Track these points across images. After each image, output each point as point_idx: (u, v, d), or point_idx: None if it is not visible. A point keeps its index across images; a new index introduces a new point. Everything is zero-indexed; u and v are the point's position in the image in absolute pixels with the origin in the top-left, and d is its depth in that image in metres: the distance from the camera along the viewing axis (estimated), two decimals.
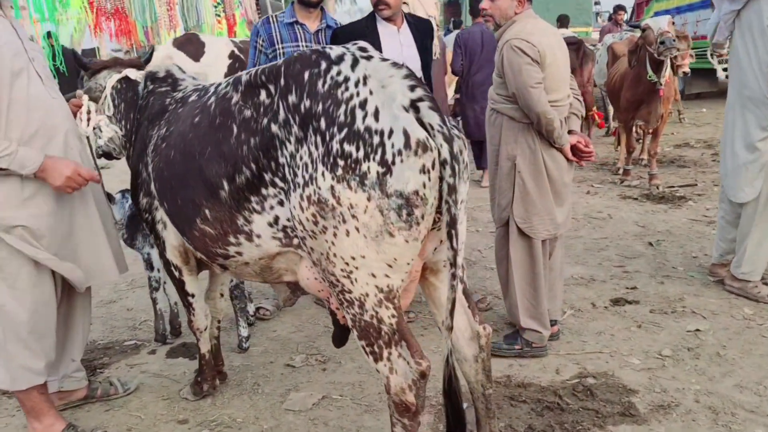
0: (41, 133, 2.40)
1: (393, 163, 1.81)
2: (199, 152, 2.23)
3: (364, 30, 3.52)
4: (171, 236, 2.59)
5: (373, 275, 1.92)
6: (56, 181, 2.38)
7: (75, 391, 2.90)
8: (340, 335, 2.44)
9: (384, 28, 3.55)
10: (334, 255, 1.94)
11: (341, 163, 1.84)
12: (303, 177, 1.93)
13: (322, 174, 1.87)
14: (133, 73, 2.90)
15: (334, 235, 1.91)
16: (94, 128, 2.68)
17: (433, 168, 1.84)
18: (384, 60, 1.94)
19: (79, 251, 2.56)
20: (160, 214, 2.56)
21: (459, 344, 2.24)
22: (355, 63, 1.92)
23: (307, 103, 1.93)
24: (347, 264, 1.93)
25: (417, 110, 1.84)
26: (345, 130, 1.85)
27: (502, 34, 3.02)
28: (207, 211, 2.25)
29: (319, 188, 1.88)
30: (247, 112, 2.10)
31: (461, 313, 2.22)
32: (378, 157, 1.81)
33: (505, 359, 3.20)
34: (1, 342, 2.40)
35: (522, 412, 2.75)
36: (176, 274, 2.70)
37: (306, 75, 1.96)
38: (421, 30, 3.67)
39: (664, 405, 2.74)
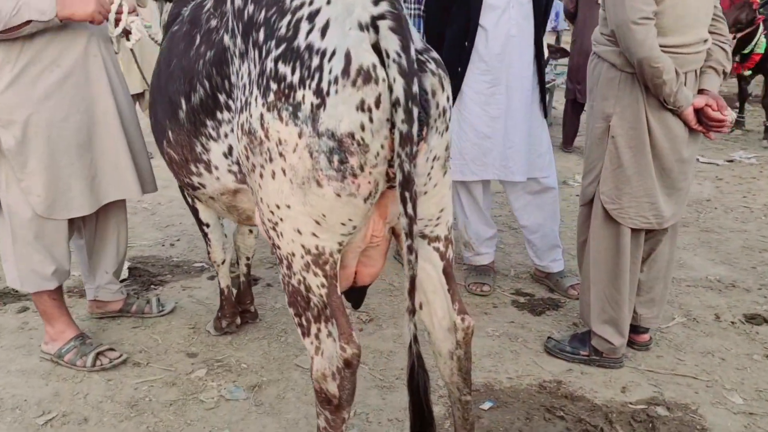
0: (64, 32, 2.30)
1: (327, 93, 1.39)
2: (168, 66, 1.99)
3: None
4: None
5: (299, 231, 1.55)
6: (88, 7, 2.21)
7: (110, 303, 2.92)
8: (354, 295, 2.10)
9: None
10: (261, 200, 1.60)
11: (273, 87, 1.46)
12: (240, 100, 1.60)
13: (255, 99, 1.51)
14: None
15: (261, 175, 1.56)
16: (123, 31, 2.52)
17: (377, 106, 1.39)
18: None
19: (98, 163, 2.48)
20: None
21: (435, 335, 1.79)
22: None
23: (251, 8, 1.57)
24: (272, 213, 1.58)
25: (377, 30, 1.39)
26: (283, 46, 1.47)
27: None
28: (170, 133, 2.02)
29: (251, 116, 1.53)
30: (213, 21, 1.79)
31: (440, 296, 1.76)
32: (314, 84, 1.41)
33: (566, 362, 2.64)
34: (10, 243, 2.42)
35: (554, 429, 2.22)
36: (189, 200, 2.53)
37: None
38: None
39: None
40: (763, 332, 2.88)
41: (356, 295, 2.08)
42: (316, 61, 1.41)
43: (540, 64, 3.05)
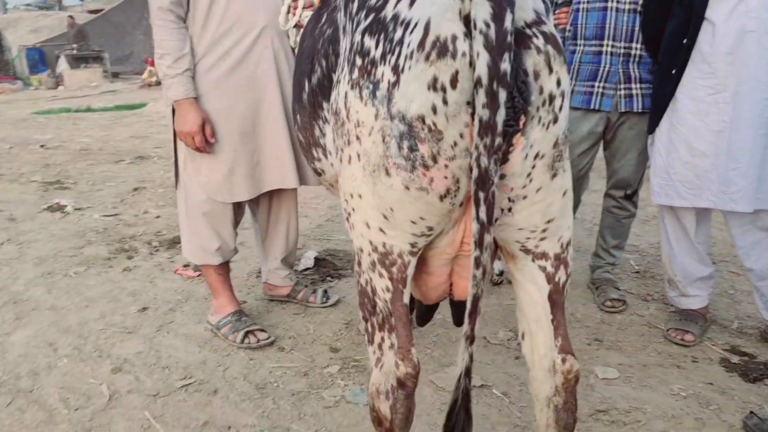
0: (237, 26, 2.43)
1: (402, 69, 1.21)
2: (302, 47, 1.94)
3: None
4: None
5: (368, 225, 1.38)
6: (178, 126, 2.42)
7: (279, 287, 3.02)
8: (421, 312, 1.87)
9: None
10: (341, 187, 1.45)
11: (359, 62, 1.33)
12: (337, 78, 1.48)
13: (345, 76, 1.39)
14: None
15: (340, 160, 1.43)
16: (295, 25, 2.55)
17: (452, 86, 1.16)
18: None
19: (261, 152, 2.57)
20: None
21: (534, 374, 1.47)
22: None
23: None
24: (346, 202, 1.44)
25: None
26: (371, 17, 1.32)
27: None
28: (298, 117, 1.97)
29: (339, 94, 1.42)
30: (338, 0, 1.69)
31: (545, 328, 1.43)
32: (393, 60, 1.24)
33: None
34: (186, 217, 2.62)
35: None
36: None
37: None
38: None
39: None
40: None
41: (424, 311, 1.84)
42: (399, 33, 1.23)
43: None
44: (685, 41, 2.43)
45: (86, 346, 2.68)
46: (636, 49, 2.75)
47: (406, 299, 1.42)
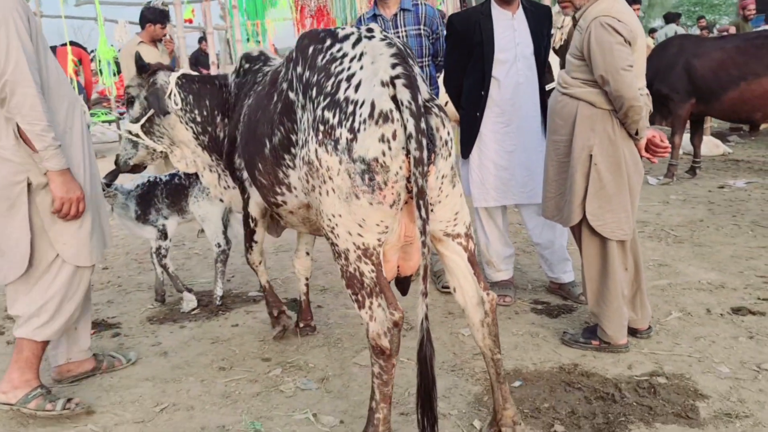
0: (70, 103, 2.70)
1: (358, 130, 2.02)
2: (256, 116, 2.65)
3: (479, 15, 3.64)
4: (255, 193, 3.00)
5: (349, 233, 2.15)
6: (58, 192, 2.54)
7: (84, 362, 3.08)
8: (401, 285, 2.65)
9: (498, 13, 3.63)
10: (321, 211, 2.21)
11: (322, 128, 2.10)
12: (302, 139, 2.23)
13: (311, 138, 2.14)
14: (187, 71, 3.37)
15: (319, 193, 2.18)
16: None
17: (393, 138, 2.00)
18: (383, 39, 2.16)
19: (100, 218, 2.85)
20: (246, 174, 2.98)
21: (467, 310, 2.35)
22: (357, 41, 2.18)
23: (308, 74, 2.23)
24: (330, 220, 2.19)
25: (393, 86, 2.02)
26: (328, 99, 2.11)
27: (585, 12, 2.87)
28: (260, 165, 2.64)
29: (309, 150, 2.16)
30: (284, 84, 2.45)
31: (468, 279, 2.32)
32: (348, 125, 2.04)
33: (580, 350, 3.13)
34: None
35: (572, 397, 2.71)
36: (252, 224, 3.18)
37: (311, 49, 2.26)
38: (538, 16, 3.68)
39: (732, 414, 2.52)
40: (748, 321, 3.37)
41: (403, 285, 2.64)
42: (350, 108, 2.04)
43: (544, 105, 3.65)
44: (482, 92, 3.57)
45: None
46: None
47: (386, 275, 2.21)
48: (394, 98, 2.00)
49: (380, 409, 2.25)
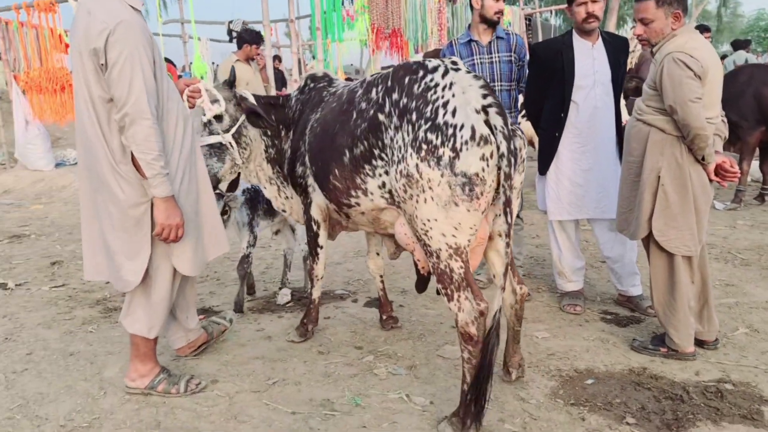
0: (182, 117, 2.90)
1: (461, 150, 2.41)
2: (333, 129, 3.04)
3: (561, 45, 3.96)
4: (317, 197, 3.38)
5: (444, 234, 2.52)
6: (159, 218, 2.73)
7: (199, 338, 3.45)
8: (421, 283, 3.06)
9: (579, 44, 3.93)
10: (417, 217, 2.58)
11: (424, 147, 2.48)
12: (398, 156, 2.61)
13: (411, 155, 2.52)
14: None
15: (417, 201, 2.55)
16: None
17: (491, 158, 2.42)
18: (468, 72, 2.58)
19: (203, 228, 3.04)
20: (311, 180, 3.36)
21: (505, 296, 2.82)
22: (445, 73, 2.58)
23: (405, 100, 2.62)
24: (424, 224, 2.56)
25: (486, 113, 2.43)
26: (429, 123, 2.50)
27: (662, 47, 3.16)
28: (337, 171, 3.03)
29: (408, 165, 2.54)
30: (363, 104, 2.87)
31: (507, 274, 2.69)
32: (450, 145, 2.42)
33: (649, 356, 3.37)
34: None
35: (642, 396, 2.96)
36: (314, 227, 3.49)
37: (407, 79, 2.66)
38: (615, 46, 3.97)
39: None
40: None
41: (423, 283, 3.09)
42: (451, 131, 2.43)
43: (619, 128, 3.94)
44: (561, 115, 3.87)
45: None
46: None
47: (472, 271, 2.60)
48: (487, 123, 2.42)
49: (471, 391, 2.58)
